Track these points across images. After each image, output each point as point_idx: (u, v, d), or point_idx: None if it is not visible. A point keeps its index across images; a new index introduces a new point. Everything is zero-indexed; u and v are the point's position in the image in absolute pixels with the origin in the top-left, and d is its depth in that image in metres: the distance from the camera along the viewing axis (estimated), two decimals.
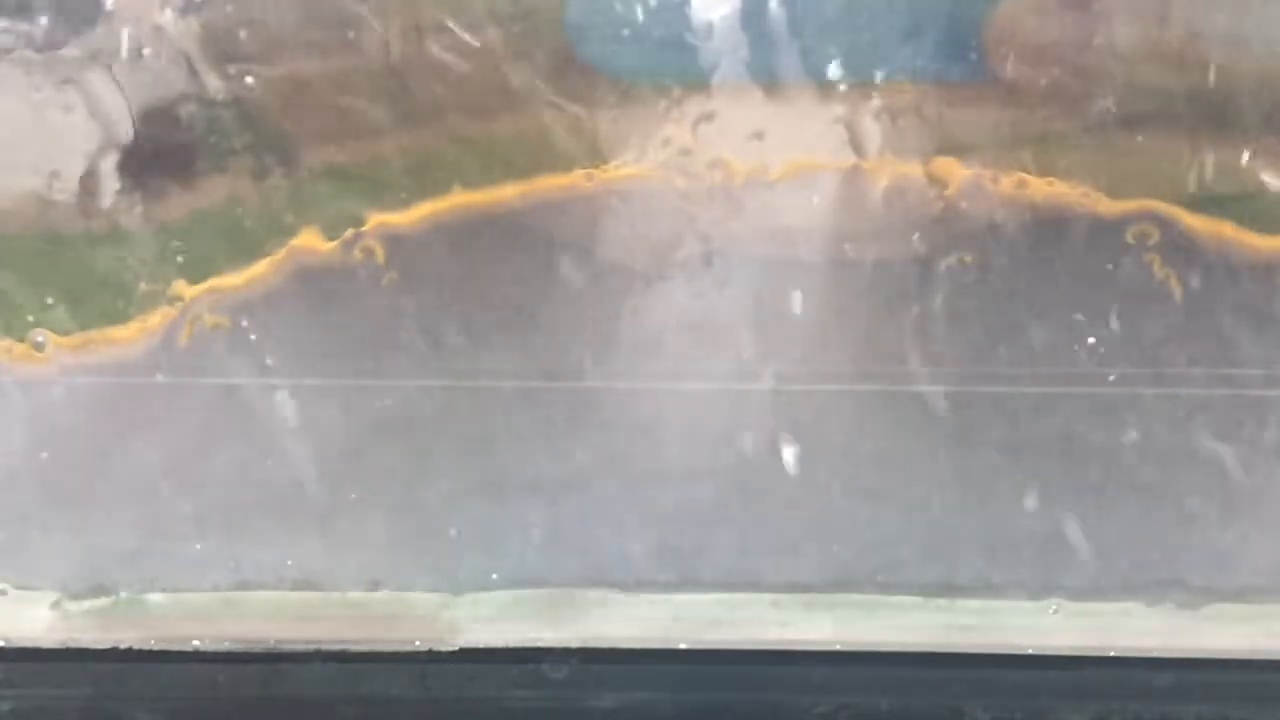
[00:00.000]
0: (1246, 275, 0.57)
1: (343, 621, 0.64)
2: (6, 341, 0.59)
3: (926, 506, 0.62)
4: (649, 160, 0.56)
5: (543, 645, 0.64)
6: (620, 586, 0.64)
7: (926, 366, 0.59)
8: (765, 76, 0.55)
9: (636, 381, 0.60)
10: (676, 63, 0.55)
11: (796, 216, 0.57)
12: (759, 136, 0.56)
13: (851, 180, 0.56)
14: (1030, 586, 0.63)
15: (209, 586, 0.64)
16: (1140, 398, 0.59)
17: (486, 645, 0.64)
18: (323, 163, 0.56)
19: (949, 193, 0.56)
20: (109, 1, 0.54)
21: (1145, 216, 0.56)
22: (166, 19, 0.54)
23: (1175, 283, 0.57)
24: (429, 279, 0.58)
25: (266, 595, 0.64)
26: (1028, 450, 0.60)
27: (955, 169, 0.56)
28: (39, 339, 0.59)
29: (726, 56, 0.54)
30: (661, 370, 0.60)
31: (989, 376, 0.59)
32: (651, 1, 0.54)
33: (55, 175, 0.56)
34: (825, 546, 0.63)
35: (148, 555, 0.64)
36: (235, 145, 0.56)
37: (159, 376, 0.60)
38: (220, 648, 0.64)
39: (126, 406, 0.61)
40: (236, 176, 0.56)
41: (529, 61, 0.54)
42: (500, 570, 0.64)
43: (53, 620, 0.64)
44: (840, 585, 0.63)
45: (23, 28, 0.54)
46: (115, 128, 0.55)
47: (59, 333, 0.59)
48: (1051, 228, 0.56)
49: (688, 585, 0.64)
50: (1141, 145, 0.55)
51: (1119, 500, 0.61)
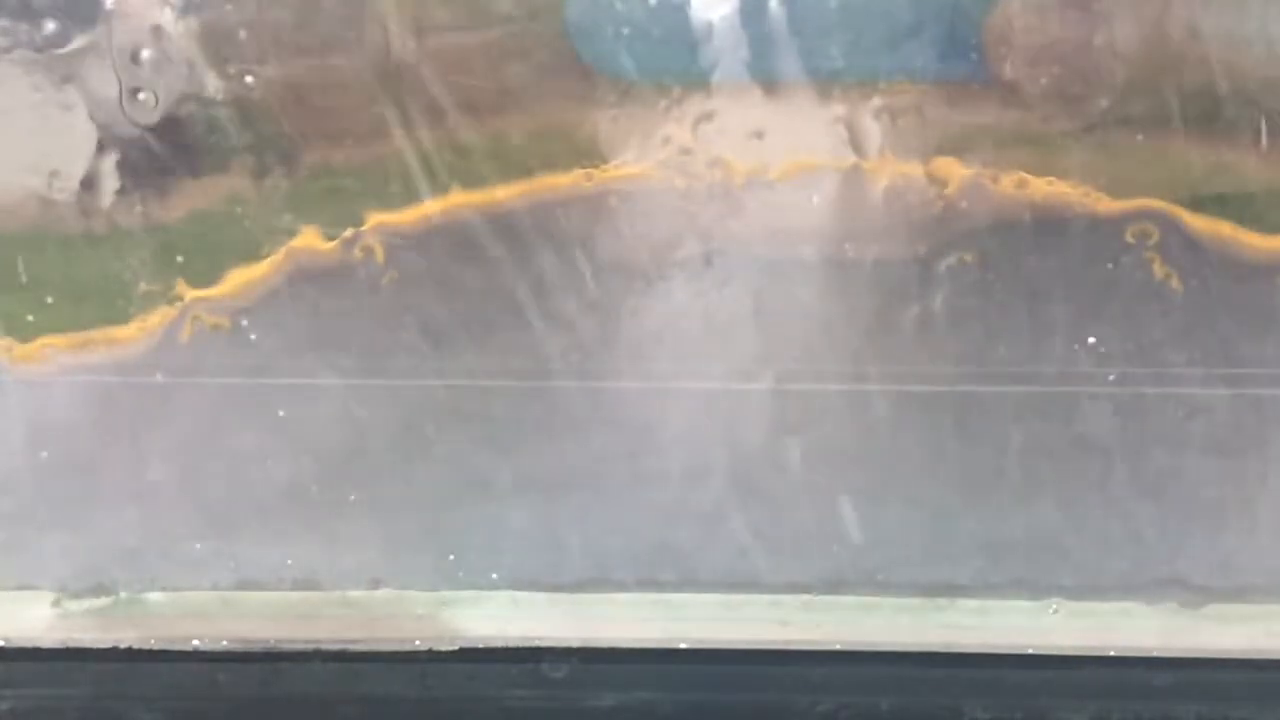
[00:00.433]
0: (1246, 275, 0.57)
1: (343, 621, 0.64)
2: (6, 341, 0.60)
3: (926, 505, 0.62)
4: (649, 160, 0.56)
5: (542, 645, 0.64)
6: (621, 586, 0.64)
7: (926, 366, 0.59)
8: (765, 76, 0.55)
9: (636, 381, 0.60)
10: (676, 62, 0.54)
11: (796, 216, 0.57)
12: (759, 136, 0.56)
13: (851, 180, 0.56)
14: (1030, 586, 0.63)
15: (209, 586, 0.64)
16: (1140, 397, 0.59)
17: (486, 645, 0.64)
18: (322, 162, 0.56)
19: (949, 192, 0.56)
20: (109, 1, 0.54)
21: (1145, 216, 0.56)
22: (166, 19, 0.54)
23: (1175, 282, 0.57)
24: (429, 279, 0.58)
25: (266, 595, 0.64)
26: (1027, 449, 0.60)
27: (955, 168, 0.56)
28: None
29: (726, 56, 0.54)
30: (661, 370, 0.60)
31: (989, 376, 0.59)
32: (651, 1, 0.54)
33: (55, 174, 0.57)
34: (825, 546, 0.63)
35: (147, 554, 0.64)
36: (235, 144, 0.56)
37: (158, 376, 0.60)
38: (220, 647, 0.64)
39: (126, 406, 0.61)
40: (236, 176, 0.56)
41: (529, 61, 0.54)
42: (499, 570, 0.64)
43: (53, 620, 0.64)
44: (840, 585, 0.63)
45: (23, 27, 0.54)
46: (114, 127, 0.56)
47: (58, 332, 0.59)
48: (1051, 227, 0.56)
49: (688, 585, 0.64)
50: (1141, 145, 0.55)
51: (1118, 500, 0.61)
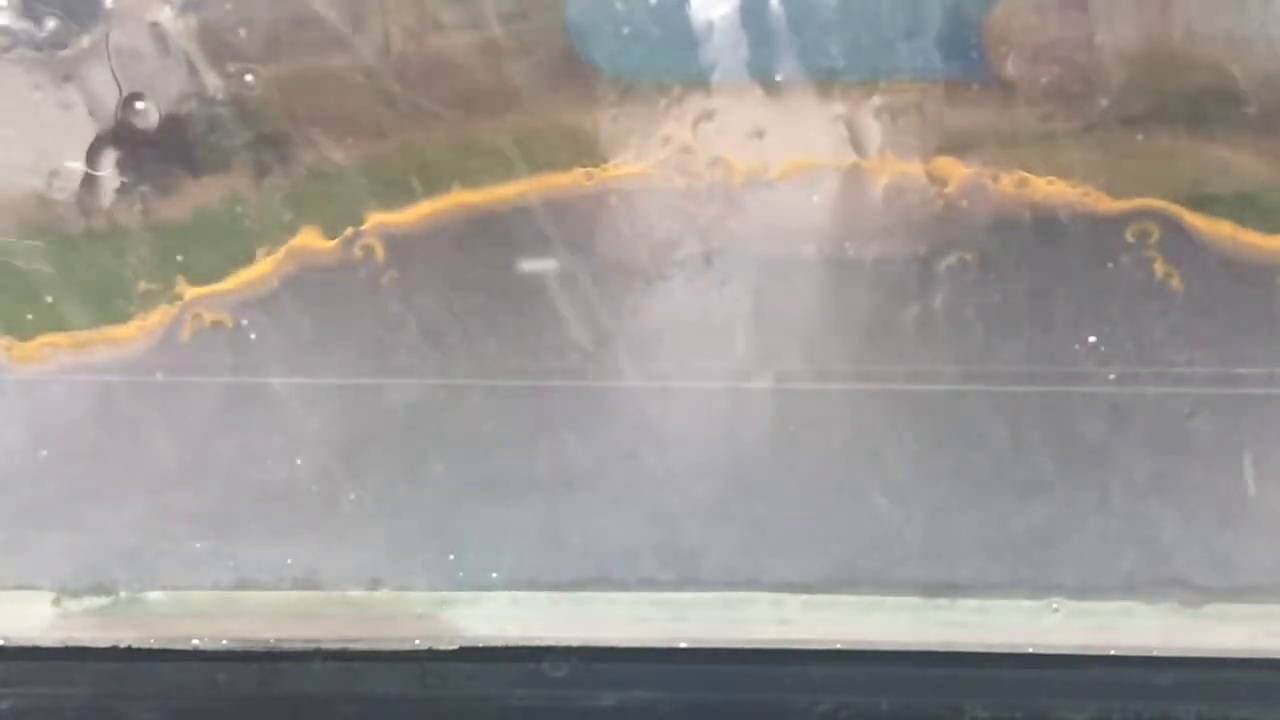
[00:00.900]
0: (1247, 274, 0.57)
1: (342, 621, 0.64)
2: (6, 340, 0.60)
3: (925, 505, 0.62)
4: (649, 159, 0.56)
5: (543, 644, 0.64)
6: (621, 586, 0.64)
7: (926, 365, 0.59)
8: (765, 75, 0.55)
9: (636, 380, 0.60)
10: (677, 61, 0.54)
11: (797, 215, 0.57)
12: (759, 135, 0.56)
13: (851, 179, 0.56)
14: (1030, 585, 0.63)
15: (209, 585, 0.64)
16: (1140, 396, 0.59)
17: (486, 644, 0.64)
18: (322, 162, 0.56)
19: (949, 191, 0.56)
20: (108, 0, 0.54)
21: (1145, 215, 0.56)
22: (166, 17, 0.54)
23: (1176, 281, 0.57)
24: (428, 278, 0.58)
25: (266, 594, 0.64)
26: (1027, 449, 0.60)
27: (955, 168, 0.56)
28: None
29: (726, 55, 0.54)
30: (661, 369, 0.60)
31: (989, 375, 0.59)
32: (651, 1, 0.54)
33: (54, 174, 0.57)
34: (825, 545, 0.63)
35: (147, 554, 0.64)
36: (235, 144, 0.56)
37: (158, 375, 0.60)
38: (220, 646, 0.64)
39: (126, 405, 0.61)
40: (236, 175, 0.56)
41: (529, 60, 0.54)
42: (499, 569, 0.64)
43: (52, 619, 0.64)
44: (840, 584, 0.63)
45: (22, 26, 0.54)
46: (114, 126, 0.55)
47: (58, 331, 0.59)
48: (1052, 226, 0.56)
49: (688, 584, 0.64)
50: (1141, 144, 0.55)
51: (1118, 499, 0.61)
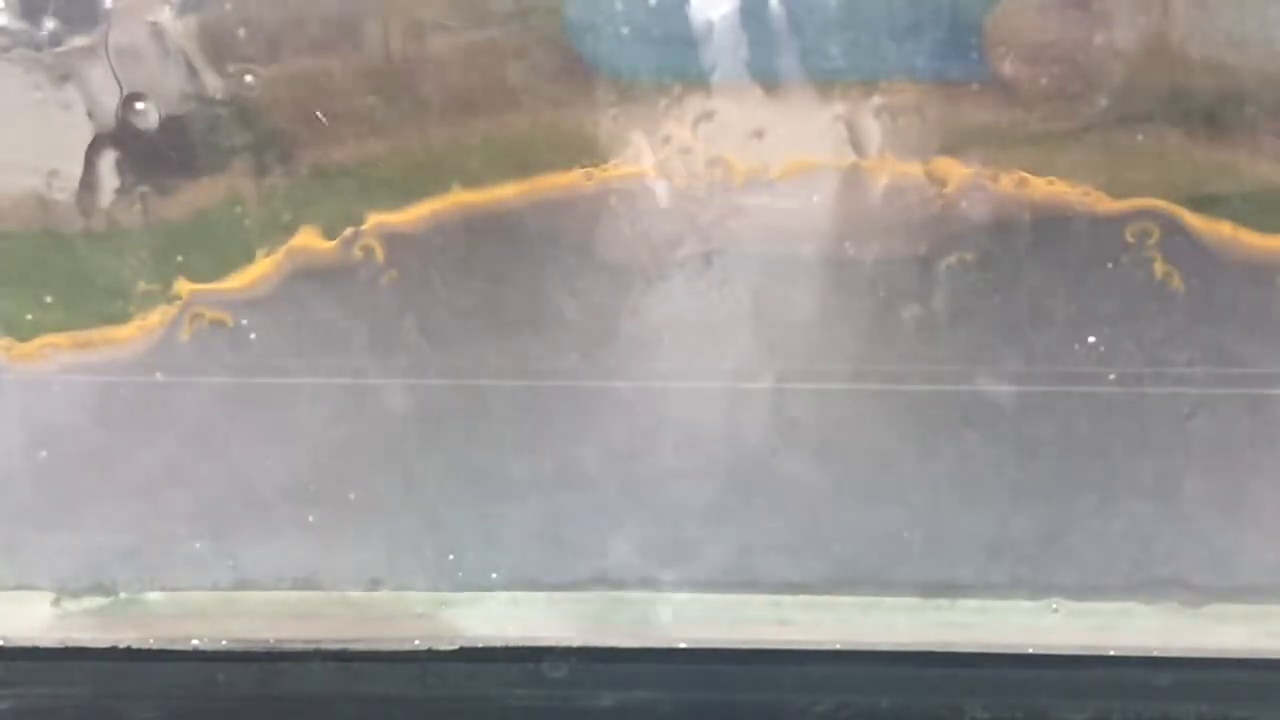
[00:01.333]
0: (1247, 274, 0.57)
1: (342, 621, 0.64)
2: (6, 340, 0.60)
3: (925, 505, 0.62)
4: (649, 159, 0.56)
5: (542, 644, 0.64)
6: (620, 586, 0.64)
7: (926, 365, 0.59)
8: (765, 75, 0.54)
9: (636, 380, 0.60)
10: (676, 61, 0.54)
11: (796, 215, 0.57)
12: (759, 135, 0.56)
13: (851, 179, 0.56)
14: (1030, 586, 0.63)
15: (208, 585, 0.64)
16: (1140, 396, 0.59)
17: (486, 644, 0.64)
18: (322, 162, 0.56)
19: (949, 191, 0.56)
20: (108, 0, 0.54)
21: (1145, 215, 0.56)
22: (165, 17, 0.54)
23: (1175, 281, 0.57)
24: (428, 278, 0.58)
25: (266, 594, 0.64)
26: (1026, 449, 0.60)
27: (955, 168, 0.56)
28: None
29: (726, 55, 0.54)
30: (661, 369, 0.60)
31: (988, 375, 0.59)
32: (651, 1, 0.54)
33: (54, 174, 0.56)
34: (825, 546, 0.63)
35: (147, 554, 0.64)
36: (235, 144, 0.56)
37: (158, 375, 0.60)
38: (219, 647, 0.64)
39: (125, 405, 0.61)
40: (236, 175, 0.56)
41: (529, 60, 0.54)
42: (498, 570, 0.64)
43: (52, 619, 0.64)
44: (840, 585, 0.63)
45: (22, 26, 0.54)
46: (113, 126, 0.55)
47: (58, 331, 0.59)
48: (1051, 226, 0.56)
49: (688, 585, 0.64)
50: (1141, 144, 0.55)
51: (1117, 499, 0.61)
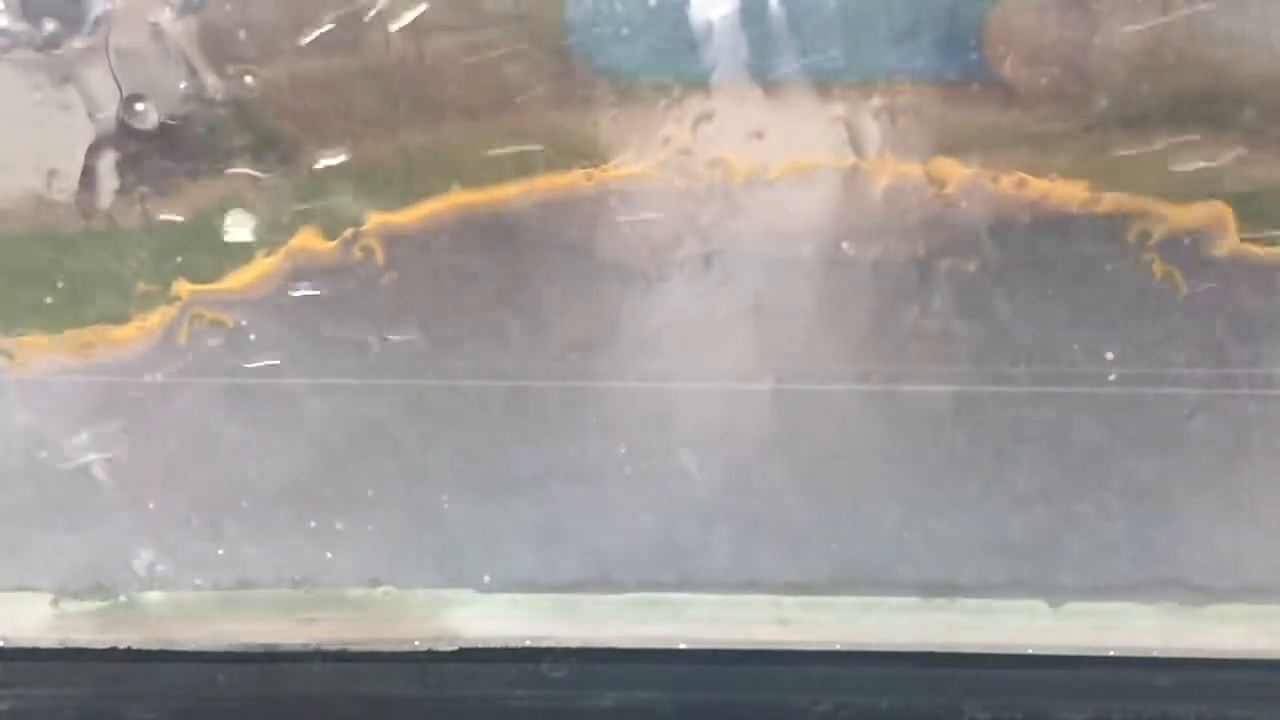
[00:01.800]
0: (1247, 274, 0.57)
1: (342, 621, 0.64)
2: (6, 341, 0.60)
3: (925, 505, 0.62)
4: (649, 159, 0.56)
5: (542, 645, 0.64)
6: (620, 586, 0.64)
7: (925, 366, 0.59)
8: (765, 76, 0.55)
9: (636, 381, 0.60)
10: (676, 62, 0.54)
11: (796, 216, 0.57)
12: (758, 136, 0.56)
13: (851, 180, 0.56)
14: (1030, 586, 0.63)
15: (208, 586, 0.64)
16: (1139, 397, 0.59)
17: (486, 645, 0.64)
18: (322, 162, 0.56)
19: (948, 192, 0.56)
20: (108, 1, 0.54)
21: (1145, 215, 0.56)
22: (165, 18, 0.54)
23: (1175, 281, 0.57)
24: (428, 279, 0.58)
25: (266, 595, 0.64)
26: (1025, 450, 0.60)
27: (954, 168, 0.56)
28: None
29: (726, 56, 0.54)
30: (661, 369, 0.60)
31: (988, 376, 0.59)
32: (651, 1, 0.54)
33: (54, 174, 0.57)
34: (825, 546, 0.63)
35: (146, 554, 0.64)
36: (234, 144, 0.56)
37: (157, 375, 0.60)
38: (219, 647, 0.64)
39: (125, 405, 0.61)
40: (236, 175, 0.56)
41: (528, 61, 0.54)
42: (498, 570, 0.64)
43: (52, 620, 0.64)
44: (839, 585, 0.63)
45: (22, 27, 0.54)
46: (113, 127, 0.55)
47: (58, 331, 0.59)
48: (1051, 227, 0.56)
49: (688, 585, 0.64)
50: (1141, 145, 0.55)
51: (1116, 499, 0.61)
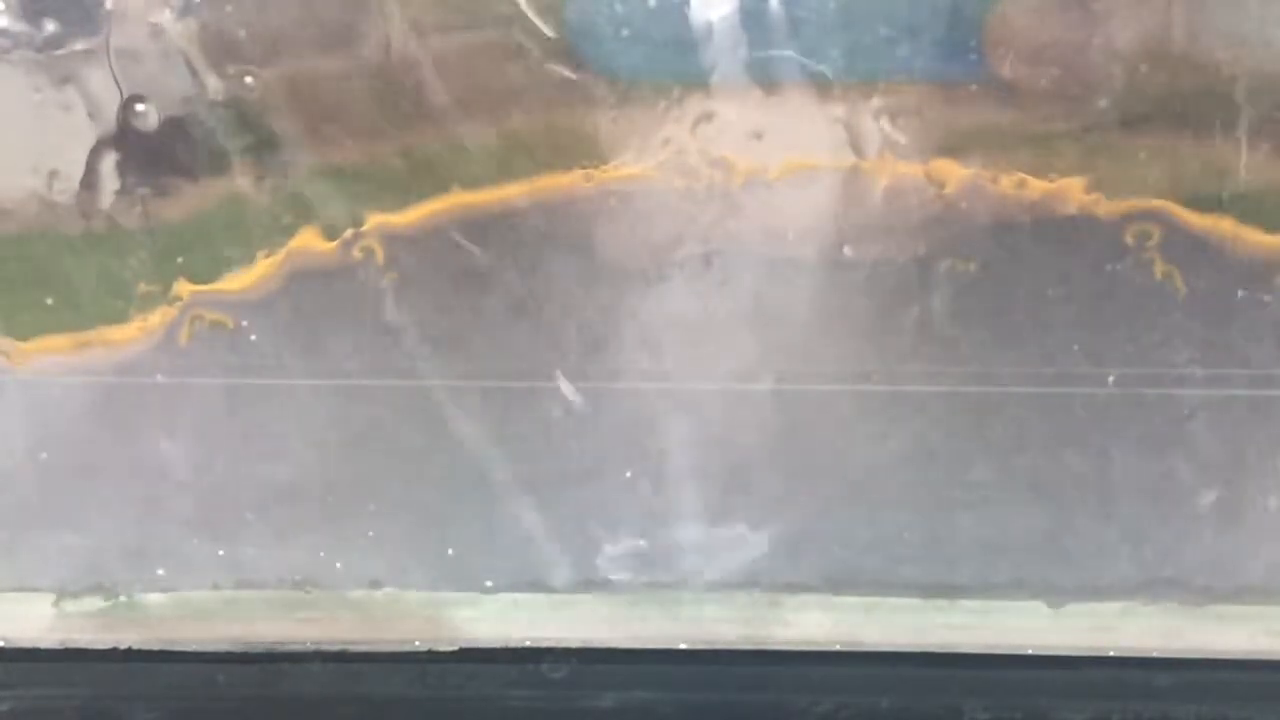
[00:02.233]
0: (1247, 274, 0.57)
1: (342, 622, 0.64)
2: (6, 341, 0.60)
3: (925, 505, 0.62)
4: (648, 160, 0.56)
5: (542, 645, 0.64)
6: (620, 587, 0.64)
7: (925, 366, 0.59)
8: (764, 77, 0.55)
9: (636, 382, 0.60)
10: (676, 63, 0.55)
11: (796, 216, 0.57)
12: (758, 136, 0.56)
13: (851, 180, 0.56)
14: (1030, 586, 0.63)
15: (208, 586, 0.64)
16: (1139, 398, 0.59)
17: (486, 645, 0.64)
18: (322, 163, 0.56)
19: (948, 192, 0.56)
20: (109, 1, 0.54)
21: (1145, 216, 0.56)
22: (166, 19, 0.54)
23: (1175, 282, 0.57)
24: (428, 279, 0.58)
25: (266, 595, 0.64)
26: (1025, 450, 0.60)
27: (954, 169, 0.56)
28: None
29: (726, 56, 0.54)
30: (661, 370, 0.60)
31: (988, 377, 0.59)
32: (651, 2, 0.54)
33: (54, 175, 0.57)
34: (825, 546, 0.63)
35: (147, 555, 0.64)
36: (235, 145, 0.56)
37: (158, 376, 0.60)
38: (220, 648, 0.64)
39: (126, 406, 0.61)
40: (236, 176, 0.56)
41: (528, 61, 0.54)
42: (499, 571, 0.64)
43: (52, 620, 0.64)
44: (839, 585, 0.63)
45: (23, 28, 0.54)
46: (114, 128, 0.56)
47: (58, 332, 0.59)
48: (1051, 227, 0.56)
49: (688, 585, 0.64)
50: (1141, 145, 0.55)
51: (1115, 500, 0.61)
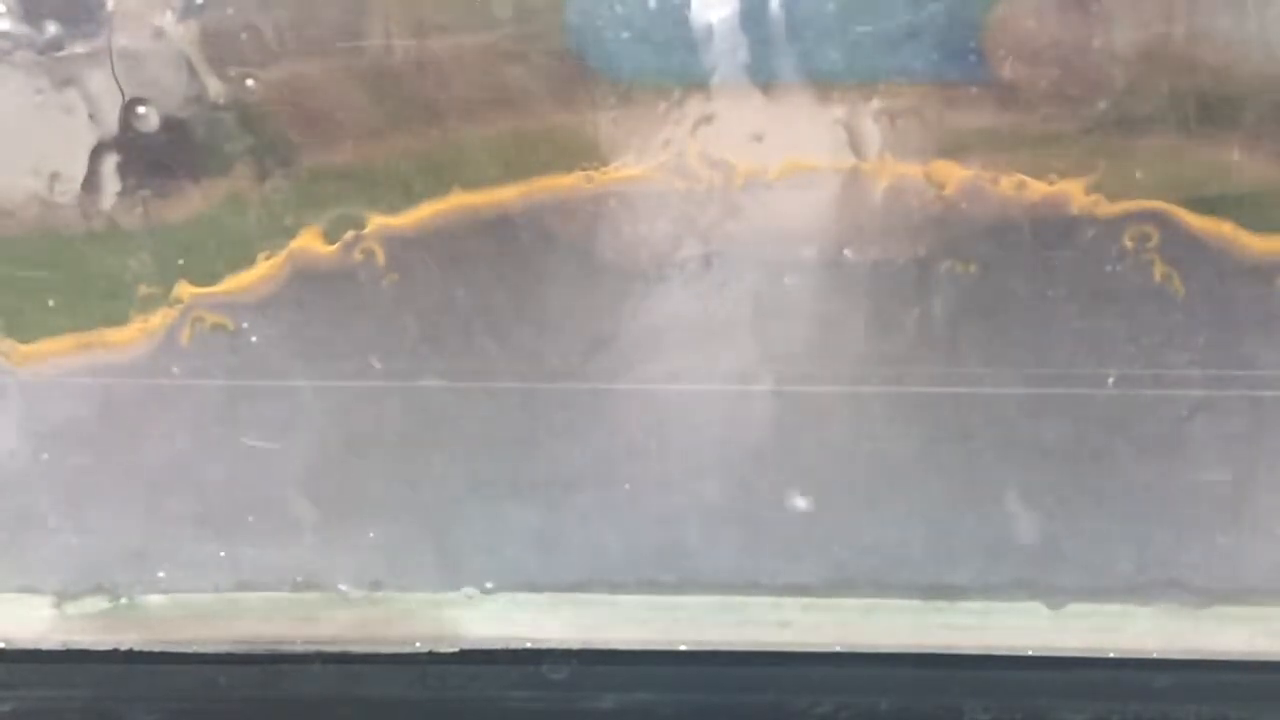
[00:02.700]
0: (1247, 275, 0.57)
1: (343, 623, 0.64)
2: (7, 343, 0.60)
3: (925, 506, 0.62)
4: (649, 161, 0.56)
5: (543, 646, 0.64)
6: (621, 588, 0.64)
7: (925, 367, 0.59)
8: (765, 78, 0.55)
9: (636, 383, 0.60)
10: (676, 64, 0.55)
11: (796, 218, 0.57)
12: (758, 138, 0.56)
13: (851, 181, 0.56)
14: (1030, 587, 0.63)
15: (209, 588, 0.64)
16: (1138, 398, 0.59)
17: (487, 646, 0.64)
18: (323, 165, 0.56)
19: (948, 193, 0.56)
20: (110, 3, 0.54)
21: (1145, 217, 0.56)
22: (167, 21, 0.54)
23: (1175, 283, 0.57)
24: (429, 281, 0.58)
25: (266, 596, 0.64)
26: (1024, 451, 0.60)
27: (954, 170, 0.56)
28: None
29: (726, 58, 0.54)
30: (661, 371, 0.60)
31: (988, 378, 0.59)
32: (651, 3, 0.54)
33: (56, 177, 0.57)
34: (825, 547, 0.63)
35: (148, 556, 0.64)
36: (236, 147, 0.56)
37: (159, 378, 0.60)
38: (221, 649, 0.64)
39: (126, 407, 0.61)
40: (237, 178, 0.56)
41: (529, 63, 0.55)
42: (499, 572, 0.64)
43: (54, 621, 0.64)
44: (839, 586, 0.63)
45: (24, 30, 0.54)
46: (115, 130, 0.56)
47: (60, 333, 0.59)
48: (1051, 228, 0.56)
49: (688, 586, 0.64)
50: (1141, 146, 0.55)
51: (1115, 501, 0.61)
